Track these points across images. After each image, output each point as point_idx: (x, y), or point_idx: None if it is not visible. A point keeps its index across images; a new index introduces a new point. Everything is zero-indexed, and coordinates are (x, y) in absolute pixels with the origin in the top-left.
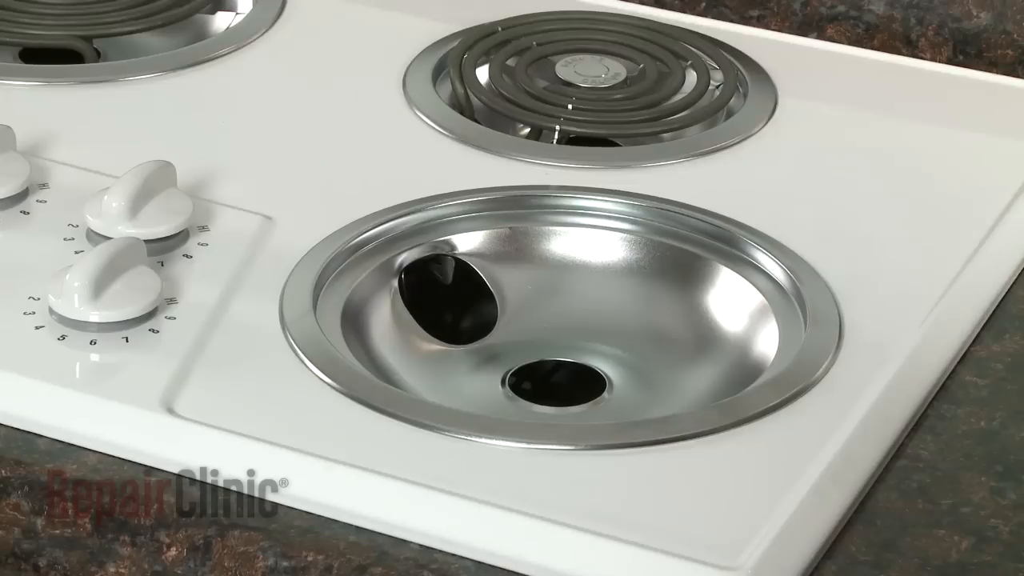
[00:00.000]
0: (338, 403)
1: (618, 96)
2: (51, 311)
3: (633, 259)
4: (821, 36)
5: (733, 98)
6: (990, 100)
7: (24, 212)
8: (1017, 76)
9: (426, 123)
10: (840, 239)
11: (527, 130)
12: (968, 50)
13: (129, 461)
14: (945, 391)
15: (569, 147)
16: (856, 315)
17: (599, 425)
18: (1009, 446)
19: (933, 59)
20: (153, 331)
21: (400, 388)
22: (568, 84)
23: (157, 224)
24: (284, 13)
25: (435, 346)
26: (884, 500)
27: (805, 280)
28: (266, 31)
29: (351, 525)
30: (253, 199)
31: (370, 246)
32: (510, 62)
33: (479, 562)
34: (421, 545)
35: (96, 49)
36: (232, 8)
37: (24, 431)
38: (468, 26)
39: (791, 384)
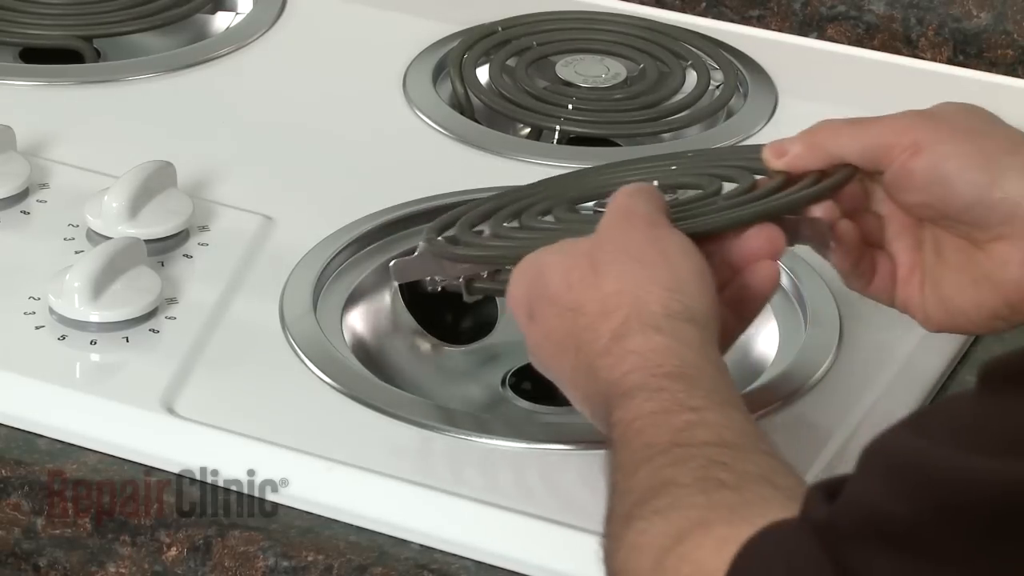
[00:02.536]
0: (338, 403)
1: (618, 96)
2: (51, 311)
3: None
4: (821, 36)
5: (733, 98)
6: (990, 100)
7: (24, 212)
8: (1017, 76)
9: (426, 123)
10: None
11: (527, 130)
12: (968, 50)
13: (129, 461)
14: (945, 391)
15: (569, 147)
16: (856, 315)
17: None
18: None
19: (933, 59)
20: (153, 331)
21: (400, 388)
22: (568, 84)
23: (157, 224)
24: (284, 13)
25: (435, 346)
26: None
27: (805, 280)
28: (266, 31)
29: (351, 525)
30: (253, 199)
31: (370, 246)
32: (510, 62)
33: (479, 562)
34: (421, 545)
35: (96, 49)
36: (232, 8)
37: (24, 431)
38: (468, 26)
39: (791, 384)
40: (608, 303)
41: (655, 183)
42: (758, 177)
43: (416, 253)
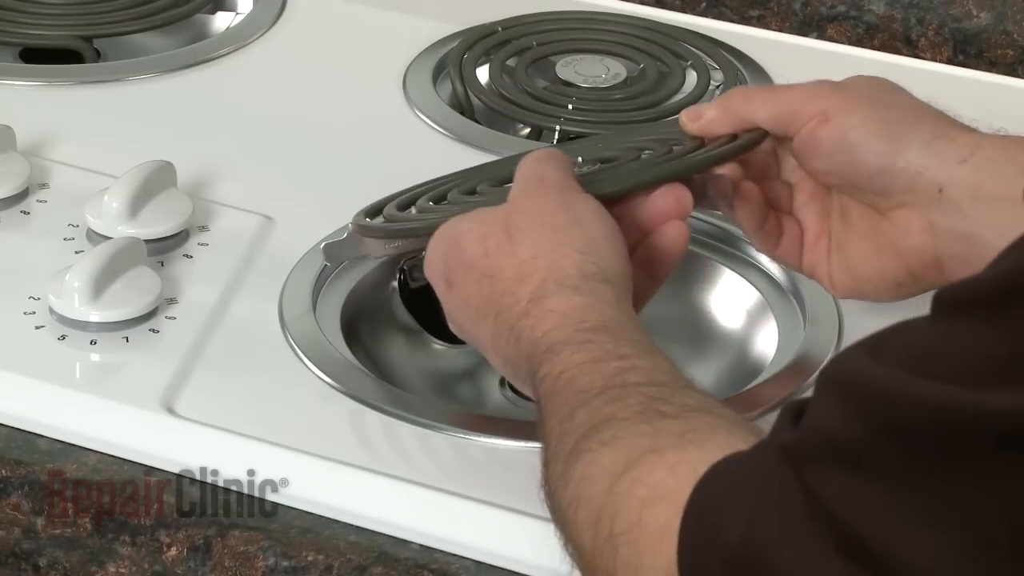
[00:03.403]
0: (338, 403)
1: (618, 96)
2: (51, 311)
3: None
4: (821, 36)
5: None
6: (990, 100)
7: (24, 212)
8: (1017, 76)
9: (426, 123)
10: None
11: (527, 130)
12: (968, 50)
13: (129, 461)
14: None
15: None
16: (855, 313)
17: None
18: None
19: (933, 59)
20: (153, 331)
21: (400, 388)
22: (568, 84)
23: (157, 224)
24: (284, 13)
25: (435, 346)
26: None
27: (804, 279)
28: (266, 31)
29: (351, 525)
30: (253, 199)
31: None
32: (510, 62)
33: (479, 562)
34: (421, 545)
35: (96, 49)
36: (232, 8)
37: (24, 431)
38: (468, 26)
39: (790, 383)
40: (524, 268)
41: (579, 159)
42: (676, 148)
43: (345, 235)
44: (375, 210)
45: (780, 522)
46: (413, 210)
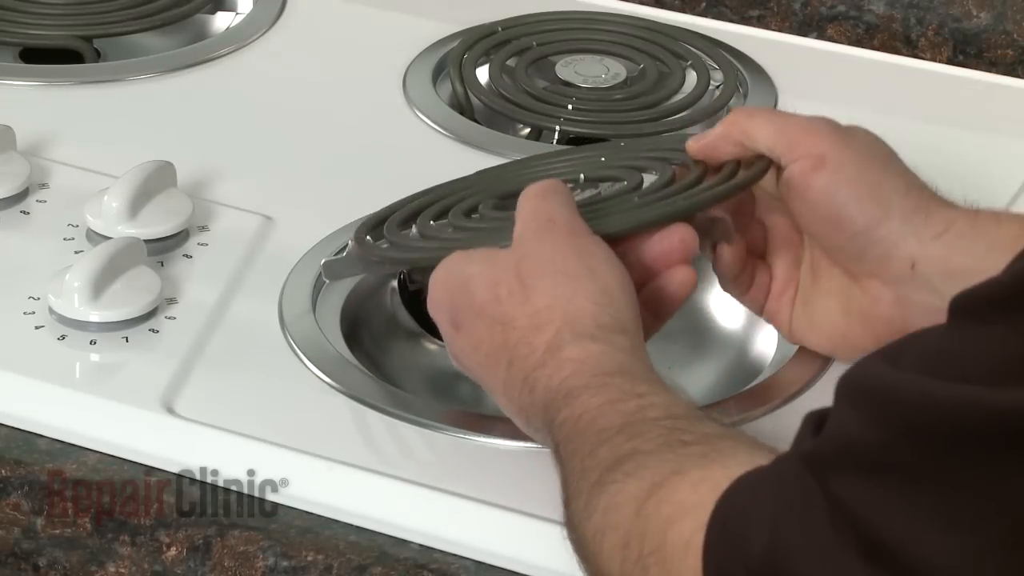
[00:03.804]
0: (338, 403)
1: (618, 96)
2: (51, 311)
3: None
4: (821, 36)
5: (733, 98)
6: (990, 100)
7: (24, 212)
8: (1017, 76)
9: (426, 123)
10: None
11: (527, 130)
12: (968, 50)
13: (129, 461)
14: None
15: (569, 147)
16: None
17: None
18: None
19: (933, 59)
20: (153, 331)
21: (400, 388)
22: (568, 84)
23: (157, 224)
24: (284, 13)
25: (435, 346)
26: None
27: None
28: (266, 31)
29: (351, 525)
30: (253, 199)
31: None
32: (510, 62)
33: (479, 562)
34: (421, 545)
35: (96, 49)
36: (232, 8)
37: (24, 431)
38: (468, 26)
39: (790, 383)
40: (539, 318)
41: (581, 176)
42: (678, 170)
43: (345, 253)
44: (375, 223)
45: (804, 529)
46: (414, 228)
